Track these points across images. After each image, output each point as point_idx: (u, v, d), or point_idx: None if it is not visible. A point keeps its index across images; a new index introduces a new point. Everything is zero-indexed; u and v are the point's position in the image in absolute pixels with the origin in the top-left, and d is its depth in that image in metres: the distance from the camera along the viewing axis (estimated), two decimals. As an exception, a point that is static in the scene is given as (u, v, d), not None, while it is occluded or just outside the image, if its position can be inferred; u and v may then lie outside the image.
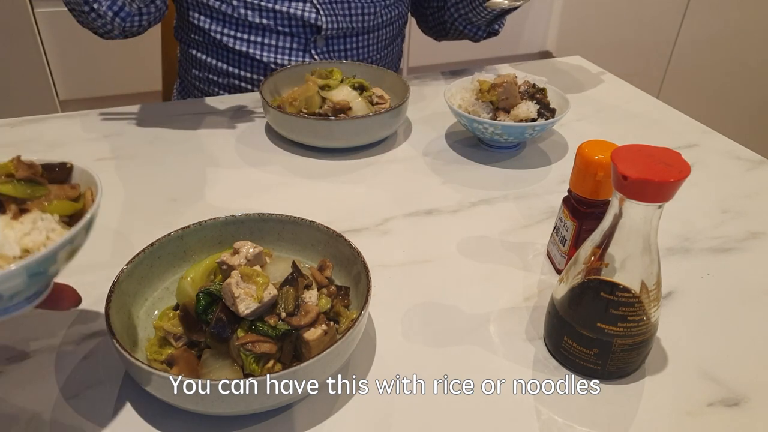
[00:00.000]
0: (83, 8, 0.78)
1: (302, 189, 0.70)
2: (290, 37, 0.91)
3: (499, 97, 0.74)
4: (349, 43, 0.96)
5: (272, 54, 0.92)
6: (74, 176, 0.43)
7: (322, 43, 0.93)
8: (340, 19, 0.91)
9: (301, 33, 0.91)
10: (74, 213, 0.40)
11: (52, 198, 0.40)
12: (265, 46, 0.91)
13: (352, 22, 0.93)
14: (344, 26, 0.92)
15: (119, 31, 0.82)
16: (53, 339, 0.49)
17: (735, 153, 0.80)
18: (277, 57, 0.92)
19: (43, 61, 1.57)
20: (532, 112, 0.74)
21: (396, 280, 0.57)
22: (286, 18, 0.89)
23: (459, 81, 0.79)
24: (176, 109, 0.86)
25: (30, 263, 0.34)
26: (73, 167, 0.43)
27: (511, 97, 0.74)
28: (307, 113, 0.77)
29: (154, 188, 0.69)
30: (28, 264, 0.34)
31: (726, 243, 0.63)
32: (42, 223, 0.38)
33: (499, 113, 0.75)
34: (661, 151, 0.41)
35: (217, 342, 0.44)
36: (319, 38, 0.93)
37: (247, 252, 0.47)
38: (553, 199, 0.69)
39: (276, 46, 0.92)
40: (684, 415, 0.45)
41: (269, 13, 0.89)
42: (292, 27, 0.90)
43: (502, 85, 0.73)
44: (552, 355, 0.49)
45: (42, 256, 0.35)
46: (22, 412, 0.43)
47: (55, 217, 0.39)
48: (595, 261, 0.44)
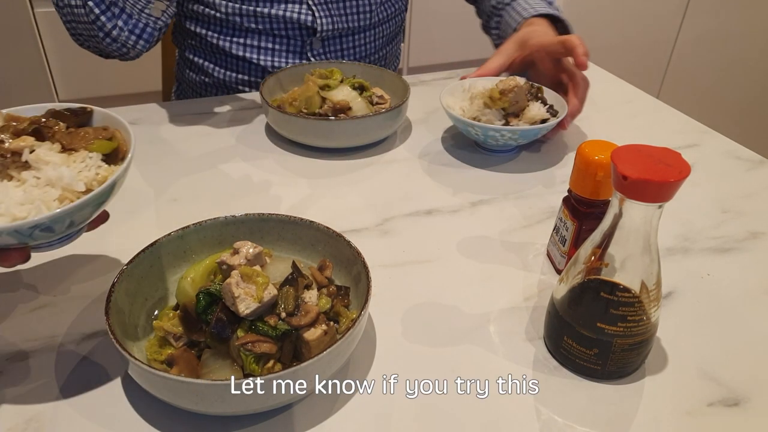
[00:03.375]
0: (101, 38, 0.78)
1: (302, 189, 0.70)
2: (286, 39, 0.91)
3: (511, 103, 0.74)
4: (346, 43, 0.96)
5: (269, 57, 0.92)
6: (96, 119, 0.50)
7: (319, 45, 0.93)
8: (336, 19, 0.91)
9: (297, 35, 0.91)
10: (111, 151, 0.47)
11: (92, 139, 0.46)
12: (261, 50, 0.92)
13: (348, 21, 0.93)
14: (340, 26, 0.92)
15: (135, 54, 0.83)
16: (53, 339, 0.49)
17: (735, 153, 0.80)
18: (274, 60, 0.92)
19: (43, 61, 1.57)
20: (543, 113, 0.74)
21: (396, 280, 0.57)
22: (282, 21, 0.89)
23: (447, 89, 0.78)
24: (176, 109, 0.86)
25: (97, 194, 0.42)
26: (93, 111, 0.50)
27: (521, 100, 0.74)
28: (307, 113, 0.77)
29: (154, 188, 0.69)
30: (97, 194, 0.41)
31: (726, 243, 0.63)
32: (90, 161, 0.45)
33: (510, 118, 0.75)
34: (661, 151, 0.41)
35: (217, 342, 0.44)
36: (315, 40, 0.92)
37: (247, 252, 0.47)
38: (553, 199, 0.69)
39: (273, 50, 0.92)
40: (684, 415, 0.45)
41: (264, 18, 0.89)
42: (288, 30, 0.90)
43: (513, 90, 0.73)
44: (552, 355, 0.49)
45: (105, 188, 0.42)
46: (22, 412, 0.43)
47: (99, 156, 0.45)
48: (595, 261, 0.44)
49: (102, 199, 0.43)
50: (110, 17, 0.77)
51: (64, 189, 0.42)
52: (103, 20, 0.76)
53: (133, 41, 0.80)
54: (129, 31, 0.79)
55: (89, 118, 0.50)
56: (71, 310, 0.52)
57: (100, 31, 0.78)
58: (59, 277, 0.56)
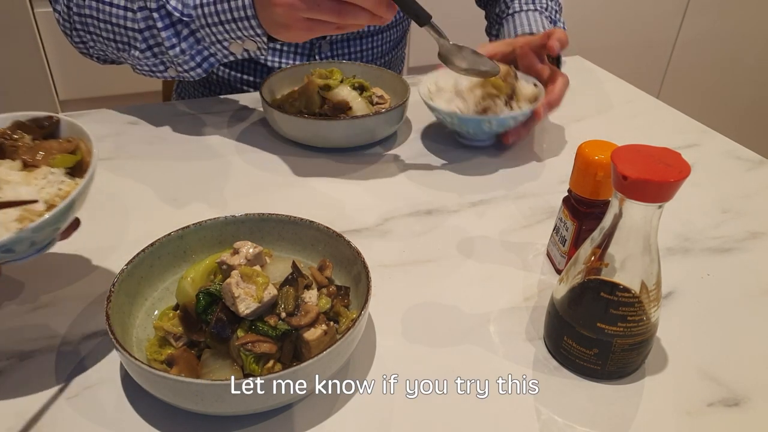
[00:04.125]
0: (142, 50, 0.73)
1: (302, 189, 0.70)
2: (295, 42, 0.91)
3: (511, 87, 0.74)
4: (354, 46, 0.95)
5: (276, 57, 0.92)
6: (62, 129, 0.49)
7: (327, 48, 0.93)
8: None
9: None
10: (74, 165, 0.46)
11: (55, 153, 0.45)
12: (269, 50, 0.91)
13: None
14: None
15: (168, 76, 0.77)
16: (53, 339, 0.49)
17: (735, 153, 0.80)
18: (282, 61, 0.92)
19: (43, 61, 1.57)
20: (533, 88, 0.75)
21: (396, 280, 0.57)
22: None
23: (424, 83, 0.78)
24: (176, 109, 0.86)
25: (56, 213, 0.41)
26: (60, 120, 0.49)
27: (513, 83, 0.75)
28: (307, 113, 0.77)
29: (154, 188, 0.69)
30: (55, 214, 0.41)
31: (726, 243, 0.63)
32: (52, 176, 0.44)
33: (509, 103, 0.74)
34: (661, 151, 0.41)
35: (217, 342, 0.44)
36: (324, 43, 0.92)
37: (247, 252, 0.47)
38: (553, 199, 0.69)
39: (281, 51, 0.92)
40: (684, 415, 0.45)
41: None
42: None
43: (509, 73, 0.74)
44: (552, 355, 0.49)
45: (62, 208, 0.41)
46: (22, 412, 0.43)
47: (61, 171, 0.45)
48: (595, 261, 0.44)
49: (61, 219, 0.42)
50: (172, 35, 0.71)
51: (24, 209, 0.41)
52: (164, 36, 0.71)
53: (189, 66, 0.73)
54: (191, 56, 0.72)
55: (56, 128, 0.49)
56: (71, 310, 0.52)
57: (143, 43, 0.72)
58: (59, 277, 0.56)
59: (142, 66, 0.76)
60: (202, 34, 0.71)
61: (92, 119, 0.82)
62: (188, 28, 0.71)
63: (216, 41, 0.71)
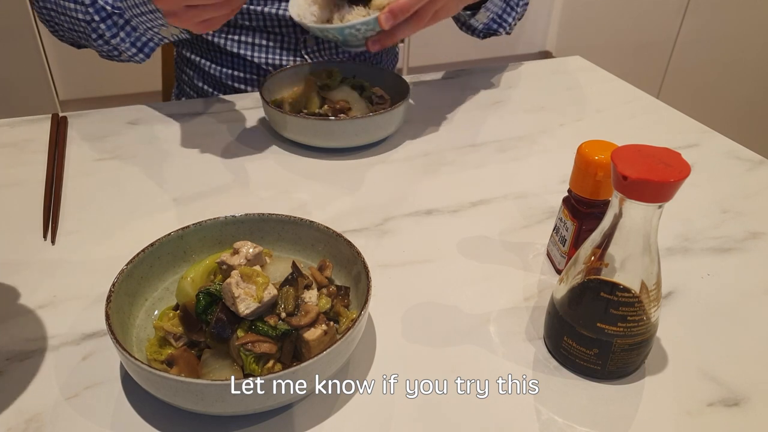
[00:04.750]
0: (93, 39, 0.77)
1: (302, 189, 0.70)
2: (280, 36, 0.91)
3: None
4: None
5: (263, 54, 0.92)
6: None
7: (312, 42, 0.93)
8: None
9: (291, 33, 0.91)
10: None
11: None
12: (255, 47, 0.92)
13: None
14: None
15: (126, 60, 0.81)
16: (53, 339, 0.49)
17: (735, 153, 0.80)
18: (268, 57, 0.92)
19: (43, 61, 1.57)
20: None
21: (396, 280, 0.57)
22: (276, 19, 0.89)
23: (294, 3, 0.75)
24: (176, 109, 0.86)
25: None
26: None
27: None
28: (307, 113, 0.77)
29: (154, 188, 0.69)
30: None
31: (726, 243, 0.63)
32: None
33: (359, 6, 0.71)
34: (661, 151, 0.41)
35: (217, 342, 0.44)
36: (309, 37, 0.92)
37: (247, 252, 0.47)
38: (553, 199, 0.69)
39: (267, 47, 0.92)
40: (684, 415, 0.45)
41: (258, 16, 0.89)
42: (281, 27, 0.90)
43: None
44: (552, 355, 0.49)
45: None
46: (22, 412, 0.43)
47: None
48: (595, 261, 0.44)
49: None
50: (110, 26, 0.76)
51: None
52: (103, 27, 0.76)
53: (132, 53, 0.79)
54: (131, 43, 0.78)
55: None
56: (71, 310, 0.52)
57: (94, 33, 0.77)
58: (59, 277, 0.56)
59: (102, 52, 0.81)
60: (135, 23, 0.76)
61: (92, 119, 0.82)
62: (123, 18, 0.76)
63: (147, 28, 0.76)
